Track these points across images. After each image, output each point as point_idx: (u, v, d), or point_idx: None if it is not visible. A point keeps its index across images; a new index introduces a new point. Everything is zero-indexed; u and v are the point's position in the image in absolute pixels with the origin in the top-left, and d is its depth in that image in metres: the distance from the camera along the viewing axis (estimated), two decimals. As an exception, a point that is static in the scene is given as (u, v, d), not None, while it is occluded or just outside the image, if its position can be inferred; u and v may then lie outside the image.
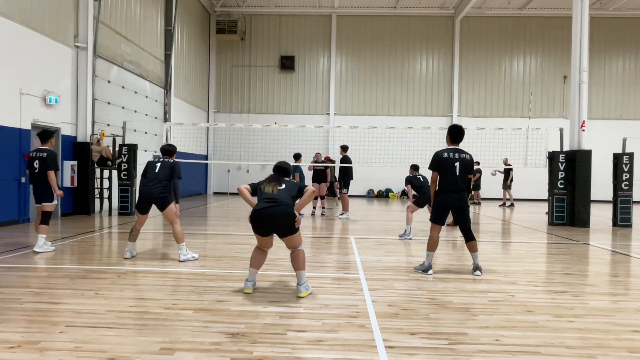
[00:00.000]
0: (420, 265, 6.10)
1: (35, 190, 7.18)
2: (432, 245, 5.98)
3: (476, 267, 5.95)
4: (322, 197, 13.81)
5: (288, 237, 4.80)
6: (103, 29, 13.40)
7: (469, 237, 5.97)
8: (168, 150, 6.88)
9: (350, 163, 13.39)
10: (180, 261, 6.36)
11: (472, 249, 5.99)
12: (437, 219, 6.03)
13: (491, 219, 13.87)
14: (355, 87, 24.07)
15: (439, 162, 5.90)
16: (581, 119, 12.11)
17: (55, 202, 7.31)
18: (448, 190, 5.86)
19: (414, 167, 9.90)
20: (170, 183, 6.51)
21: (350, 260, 6.74)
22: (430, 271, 5.93)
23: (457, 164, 5.85)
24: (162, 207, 6.49)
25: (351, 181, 13.46)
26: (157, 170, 6.50)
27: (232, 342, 3.48)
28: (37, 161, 7.07)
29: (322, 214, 13.57)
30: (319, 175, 13.59)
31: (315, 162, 13.91)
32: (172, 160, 6.64)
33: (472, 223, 6.23)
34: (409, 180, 9.60)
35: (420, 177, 9.55)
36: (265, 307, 4.36)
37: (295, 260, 4.88)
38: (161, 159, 6.66)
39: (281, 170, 5.06)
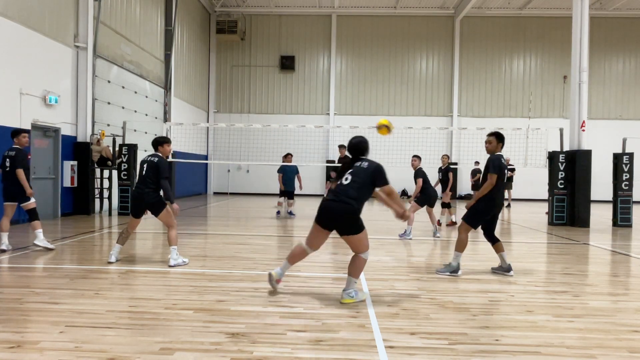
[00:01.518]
0: (446, 267, 5.97)
1: (6, 189, 7.16)
2: (461, 247, 5.87)
3: (509, 268, 5.92)
4: None
5: (348, 237, 4.51)
6: (103, 29, 13.39)
7: (496, 240, 6.02)
8: (156, 142, 6.36)
9: None
10: (169, 266, 6.05)
11: (501, 249, 6.00)
12: (475, 223, 5.92)
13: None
14: (355, 87, 24.07)
15: (502, 169, 5.78)
16: (581, 119, 12.11)
17: (32, 200, 7.30)
18: (500, 196, 5.85)
19: (419, 158, 9.79)
20: (159, 185, 6.13)
21: (350, 260, 6.73)
22: (459, 272, 5.84)
23: (506, 170, 5.94)
24: (155, 213, 6.19)
25: None
26: (144, 172, 6.15)
27: (232, 342, 3.48)
28: (8, 160, 7.05)
29: None
30: None
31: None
32: (156, 160, 6.16)
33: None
34: (422, 174, 9.40)
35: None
36: (265, 307, 4.35)
37: (352, 265, 4.62)
38: (148, 158, 6.23)
39: (352, 149, 4.67)
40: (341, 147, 13.43)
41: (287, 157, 13.04)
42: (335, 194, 4.51)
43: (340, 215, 4.43)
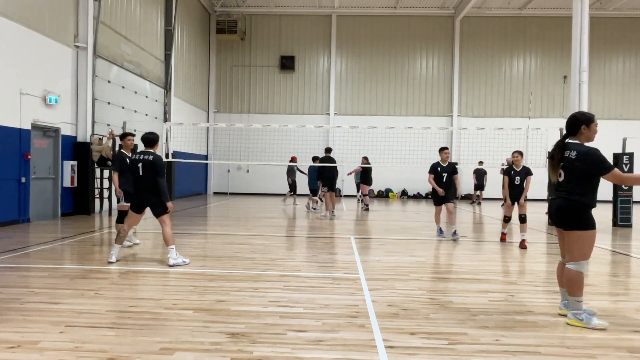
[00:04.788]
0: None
1: None
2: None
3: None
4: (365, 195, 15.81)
5: (567, 233, 4.02)
6: (103, 29, 13.39)
7: None
8: (148, 139, 6.35)
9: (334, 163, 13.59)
10: (169, 265, 6.08)
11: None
12: None
13: (491, 219, 13.86)
14: (355, 87, 24.07)
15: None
16: (581, 119, 12.11)
17: (121, 202, 7.37)
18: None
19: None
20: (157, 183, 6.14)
21: (350, 260, 6.74)
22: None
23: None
24: (155, 212, 6.27)
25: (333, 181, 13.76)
26: (141, 172, 6.16)
27: (232, 342, 3.48)
28: None
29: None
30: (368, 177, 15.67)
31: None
32: (151, 158, 6.18)
33: (473, 223, 6.23)
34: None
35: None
36: (265, 307, 4.35)
37: (565, 277, 4.08)
38: (142, 156, 6.22)
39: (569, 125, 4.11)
40: (327, 150, 13.78)
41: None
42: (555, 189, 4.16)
43: (559, 209, 4.06)
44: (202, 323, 3.89)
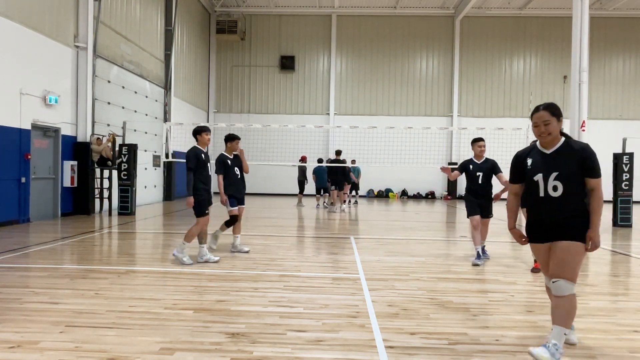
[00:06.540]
0: None
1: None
2: None
3: None
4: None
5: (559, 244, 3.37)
6: (103, 29, 13.39)
7: None
8: (194, 131, 6.48)
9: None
10: (172, 255, 6.25)
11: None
12: None
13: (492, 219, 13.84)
14: (355, 87, 24.08)
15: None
16: (581, 119, 12.10)
17: (228, 207, 7.06)
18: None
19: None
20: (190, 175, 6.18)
21: (350, 260, 6.74)
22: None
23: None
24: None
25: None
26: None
27: (232, 342, 3.48)
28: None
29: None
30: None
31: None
32: (187, 151, 6.38)
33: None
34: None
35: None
36: (265, 307, 4.35)
37: (555, 308, 3.24)
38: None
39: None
40: (336, 152, 14.61)
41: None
42: None
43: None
44: (202, 323, 3.89)
